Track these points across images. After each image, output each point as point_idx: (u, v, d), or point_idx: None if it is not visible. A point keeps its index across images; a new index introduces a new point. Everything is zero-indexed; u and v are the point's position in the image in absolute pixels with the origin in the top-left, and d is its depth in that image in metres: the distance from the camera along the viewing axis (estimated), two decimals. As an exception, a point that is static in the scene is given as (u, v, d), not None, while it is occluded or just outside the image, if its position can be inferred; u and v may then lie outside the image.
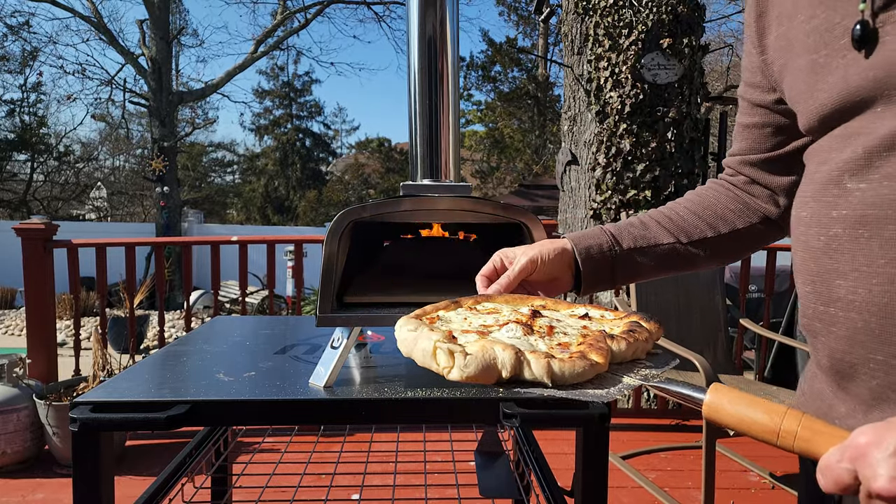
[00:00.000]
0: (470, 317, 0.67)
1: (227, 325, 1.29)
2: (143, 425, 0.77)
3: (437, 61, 1.10)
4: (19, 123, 14.56)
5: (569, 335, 0.61)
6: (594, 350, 0.54)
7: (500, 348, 0.54)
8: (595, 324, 0.66)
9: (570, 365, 0.52)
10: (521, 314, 0.67)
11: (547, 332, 0.61)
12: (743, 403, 0.45)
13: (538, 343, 0.58)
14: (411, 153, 1.15)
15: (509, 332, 0.60)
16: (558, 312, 0.69)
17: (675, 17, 3.21)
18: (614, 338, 0.57)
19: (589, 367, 0.52)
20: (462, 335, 0.60)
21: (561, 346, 0.57)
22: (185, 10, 17.19)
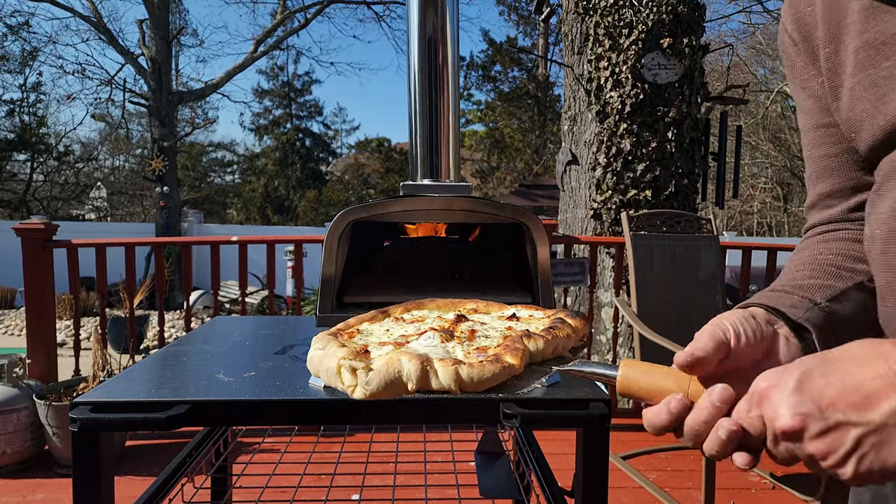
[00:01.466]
0: (393, 328, 0.66)
1: (226, 325, 1.28)
2: (143, 425, 0.76)
3: (437, 61, 1.10)
4: (19, 123, 14.56)
5: (490, 337, 0.60)
6: (509, 352, 0.54)
7: (406, 360, 0.52)
8: (522, 324, 0.65)
9: (480, 370, 0.51)
10: (445, 320, 0.65)
11: (468, 337, 0.60)
12: (653, 374, 0.46)
13: (455, 350, 0.57)
14: (411, 153, 1.15)
15: (427, 341, 0.59)
16: (487, 315, 0.69)
17: (676, 17, 3.21)
18: (531, 336, 0.56)
19: (501, 370, 0.52)
20: (378, 348, 0.59)
21: (479, 351, 0.56)
22: (184, 10, 17.20)
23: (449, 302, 0.73)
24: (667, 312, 2.52)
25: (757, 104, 14.13)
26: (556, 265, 2.91)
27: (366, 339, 0.63)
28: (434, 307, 0.72)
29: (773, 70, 15.18)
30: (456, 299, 0.74)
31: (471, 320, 0.65)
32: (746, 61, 14.58)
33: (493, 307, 0.71)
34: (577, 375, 0.51)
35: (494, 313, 0.70)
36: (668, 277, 2.56)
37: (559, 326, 0.59)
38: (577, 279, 2.92)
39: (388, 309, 0.72)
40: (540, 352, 0.55)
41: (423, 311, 0.71)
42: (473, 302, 0.73)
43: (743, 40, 14.41)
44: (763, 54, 14.93)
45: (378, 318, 0.70)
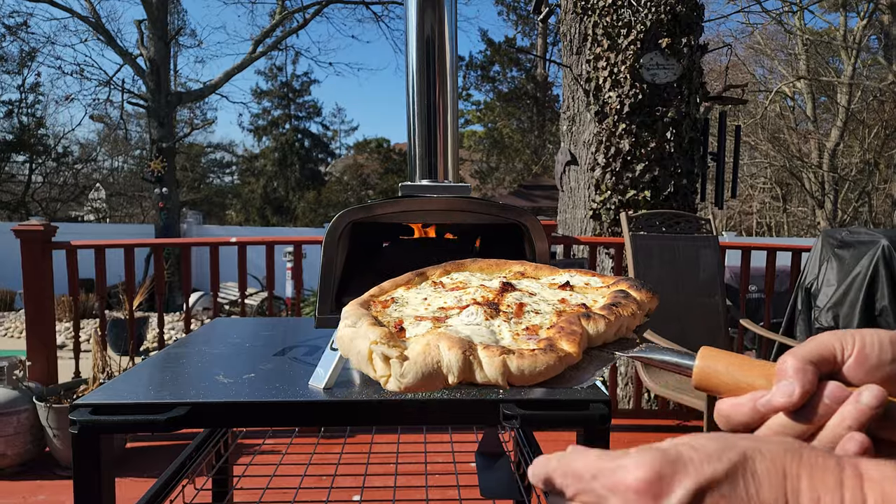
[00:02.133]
0: (431, 295, 0.58)
1: (226, 326, 1.28)
2: (144, 427, 0.76)
3: (436, 61, 1.10)
4: (17, 124, 14.54)
5: (541, 313, 0.51)
6: (564, 336, 0.46)
7: (446, 347, 0.44)
8: (577, 294, 0.56)
9: (531, 361, 0.43)
10: (490, 289, 0.56)
11: (515, 312, 0.52)
12: (739, 366, 0.41)
13: (502, 328, 0.49)
14: (410, 153, 1.15)
15: (469, 318, 0.50)
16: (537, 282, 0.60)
17: (674, 17, 3.21)
18: (591, 317, 0.48)
19: (556, 360, 0.44)
20: (414, 324, 0.51)
21: (528, 331, 0.48)
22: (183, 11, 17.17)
23: (493, 263, 0.64)
24: (666, 313, 2.52)
25: (756, 104, 14.14)
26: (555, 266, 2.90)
27: (400, 312, 0.55)
28: (476, 269, 0.64)
29: (772, 70, 15.21)
30: (500, 260, 0.65)
31: (518, 289, 0.57)
32: (745, 61, 14.59)
33: (543, 271, 0.62)
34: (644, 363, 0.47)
35: (545, 279, 0.61)
36: (668, 278, 2.56)
37: (622, 303, 0.51)
38: (577, 279, 2.92)
39: (425, 271, 0.64)
40: (601, 335, 0.48)
41: (463, 275, 0.63)
42: (520, 264, 0.64)
43: (741, 40, 14.42)
44: (762, 54, 14.95)
45: (414, 282, 0.62)
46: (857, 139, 14.25)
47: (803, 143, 14.93)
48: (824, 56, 14.29)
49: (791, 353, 0.38)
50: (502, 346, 0.46)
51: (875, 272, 2.42)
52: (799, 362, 0.37)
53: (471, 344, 0.45)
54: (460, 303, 0.54)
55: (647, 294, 0.55)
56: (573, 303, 0.54)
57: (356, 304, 0.57)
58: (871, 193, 14.21)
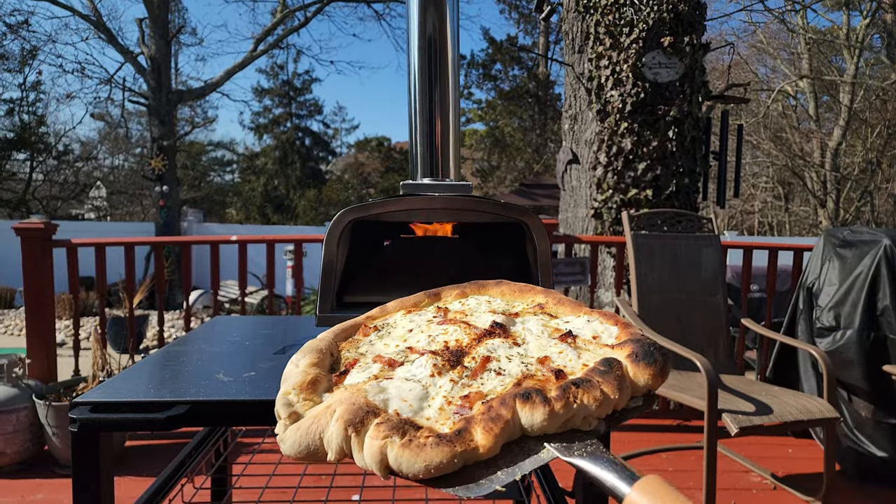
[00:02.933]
0: (419, 327, 0.53)
1: (226, 325, 1.28)
2: (143, 425, 0.76)
3: (438, 59, 1.09)
4: (18, 122, 14.55)
5: (503, 375, 0.44)
6: (482, 423, 0.38)
7: (335, 419, 0.40)
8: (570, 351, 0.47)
9: (411, 456, 0.37)
10: (474, 332, 0.50)
11: (475, 370, 0.45)
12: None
13: (440, 391, 0.43)
14: (411, 152, 1.14)
15: (416, 370, 0.46)
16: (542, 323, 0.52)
17: (676, 16, 3.20)
18: (530, 400, 0.39)
19: (448, 458, 0.36)
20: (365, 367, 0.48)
21: (465, 400, 0.42)
22: (184, 9, 17.16)
23: (517, 289, 0.59)
24: (668, 312, 2.52)
25: (758, 103, 14.11)
26: (556, 265, 2.90)
27: (372, 346, 0.52)
28: (497, 293, 0.59)
29: (774, 69, 15.18)
30: (527, 286, 0.59)
31: (510, 335, 0.50)
32: (747, 60, 14.56)
33: (564, 307, 0.55)
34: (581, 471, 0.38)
35: (563, 318, 0.54)
36: (669, 277, 2.56)
37: (592, 382, 0.41)
38: (578, 279, 2.92)
39: (440, 292, 0.59)
40: (538, 428, 0.39)
41: (478, 299, 0.58)
42: (544, 295, 0.58)
43: (744, 39, 14.40)
44: (764, 53, 14.92)
45: (423, 304, 0.58)
46: (860, 138, 14.23)
47: (805, 143, 14.90)
48: (827, 55, 14.26)
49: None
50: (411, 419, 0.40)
51: (877, 272, 2.41)
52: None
53: (366, 418, 0.40)
54: (430, 346, 0.50)
55: (644, 368, 0.44)
56: (553, 364, 0.46)
57: (335, 330, 0.55)
58: (873, 193, 14.18)
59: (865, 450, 2.36)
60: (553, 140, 17.60)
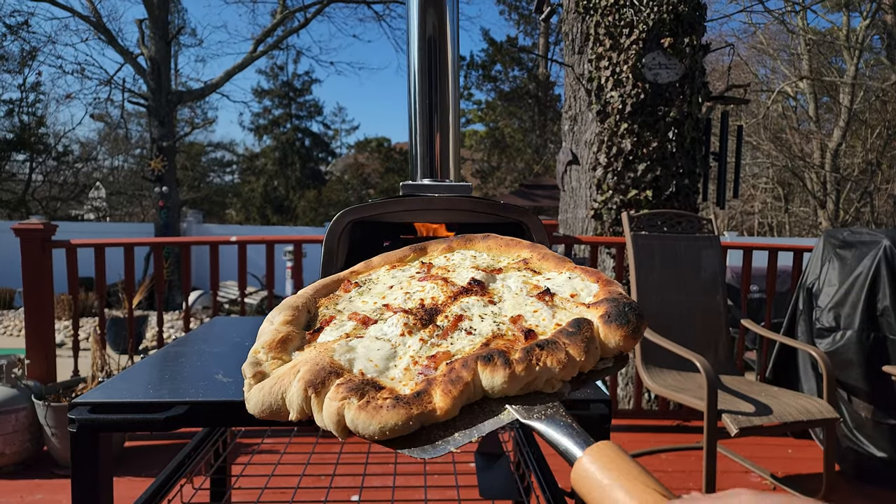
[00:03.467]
0: (400, 284, 0.52)
1: (226, 325, 1.28)
2: (142, 426, 0.76)
3: (437, 60, 1.09)
4: (18, 123, 14.55)
5: (474, 334, 0.44)
6: (442, 385, 0.38)
7: (296, 381, 0.40)
8: (545, 310, 0.46)
9: (367, 418, 0.37)
10: (451, 289, 0.50)
11: (446, 329, 0.45)
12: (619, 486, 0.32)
13: (408, 351, 0.43)
14: (411, 153, 1.14)
15: (387, 328, 0.46)
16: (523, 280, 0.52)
17: (676, 17, 3.20)
18: (492, 362, 0.38)
19: (403, 420, 0.36)
20: (339, 325, 0.47)
21: (432, 360, 0.42)
22: (183, 10, 17.18)
23: (503, 243, 0.58)
24: (668, 312, 2.52)
25: (758, 104, 14.12)
26: (556, 265, 2.89)
27: (348, 303, 0.51)
28: (484, 248, 0.59)
29: (774, 70, 15.19)
30: (513, 240, 0.58)
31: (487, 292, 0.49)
32: (747, 61, 14.58)
33: (548, 262, 0.55)
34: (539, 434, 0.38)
35: (546, 274, 0.53)
36: (669, 278, 2.56)
37: (559, 343, 0.40)
38: (578, 279, 2.91)
39: (427, 246, 0.59)
40: (498, 390, 0.39)
41: (463, 254, 0.57)
42: (530, 249, 0.57)
43: (744, 40, 14.41)
44: (764, 54, 14.93)
45: (408, 258, 0.57)
46: (860, 139, 14.23)
47: (805, 143, 14.91)
48: (827, 56, 14.27)
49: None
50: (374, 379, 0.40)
51: (877, 272, 2.41)
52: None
53: (328, 378, 0.40)
54: (406, 303, 0.49)
55: (615, 329, 0.42)
56: (525, 323, 0.45)
57: (316, 285, 0.54)
58: (873, 193, 14.19)
59: (865, 450, 2.36)
60: (553, 141, 17.61)
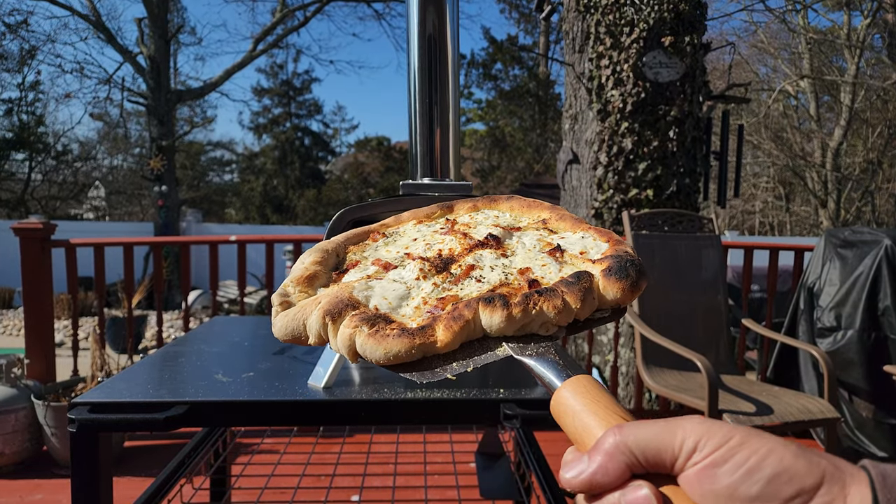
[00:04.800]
0: (425, 237, 0.56)
1: (225, 325, 1.28)
2: (142, 426, 0.76)
3: (438, 59, 1.09)
4: (17, 122, 14.54)
5: (483, 282, 0.48)
6: (445, 321, 0.42)
7: (316, 309, 0.45)
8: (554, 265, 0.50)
9: (375, 344, 0.41)
10: (467, 241, 0.54)
11: (458, 276, 0.49)
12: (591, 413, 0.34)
13: (419, 293, 0.47)
14: (411, 152, 1.14)
15: (404, 273, 0.50)
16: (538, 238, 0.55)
17: (677, 15, 3.20)
18: (493, 304, 0.42)
19: (407, 349, 0.40)
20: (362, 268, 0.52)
21: (441, 302, 0.46)
22: (183, 8, 17.17)
23: (525, 204, 0.61)
24: (669, 312, 2.51)
25: (759, 103, 14.12)
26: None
27: (374, 252, 0.55)
28: (507, 208, 0.62)
29: (775, 68, 15.18)
30: (536, 201, 0.61)
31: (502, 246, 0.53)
32: (748, 60, 14.57)
33: (565, 223, 0.57)
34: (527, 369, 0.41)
35: (561, 233, 0.56)
36: (670, 277, 2.55)
37: (557, 291, 0.44)
38: (578, 278, 2.91)
39: (454, 205, 0.62)
40: (496, 329, 0.42)
41: (487, 213, 0.60)
42: (550, 210, 0.60)
43: (745, 39, 14.40)
44: (765, 53, 14.92)
45: (437, 214, 0.61)
46: (861, 138, 14.23)
47: (806, 143, 14.91)
48: (828, 55, 14.26)
49: (619, 429, 0.31)
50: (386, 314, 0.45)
51: (878, 272, 2.40)
52: (612, 446, 0.30)
53: (345, 310, 0.44)
54: (426, 252, 0.53)
55: (614, 282, 0.45)
56: (534, 274, 0.49)
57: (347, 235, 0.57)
58: (874, 193, 14.19)
59: (866, 450, 2.36)
60: (553, 140, 17.60)
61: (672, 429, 0.29)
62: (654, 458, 0.29)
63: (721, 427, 0.29)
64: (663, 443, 0.29)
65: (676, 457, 0.29)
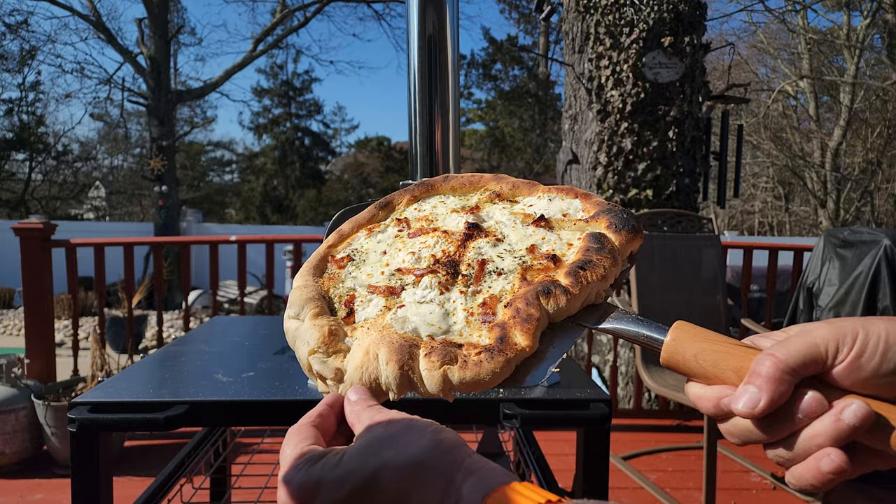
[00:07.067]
0: (392, 246, 0.53)
1: (225, 325, 1.28)
2: (142, 426, 0.76)
3: (438, 59, 1.09)
4: (18, 122, 14.54)
5: (504, 273, 0.47)
6: (518, 325, 0.42)
7: (384, 359, 0.43)
8: (550, 235, 0.50)
9: (475, 372, 0.40)
10: (453, 236, 0.51)
11: (475, 276, 0.47)
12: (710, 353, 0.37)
13: (457, 305, 0.45)
14: (411, 152, 1.14)
15: (424, 293, 0.47)
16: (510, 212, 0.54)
17: (677, 16, 3.20)
18: (552, 293, 0.43)
19: (504, 364, 0.40)
20: (365, 302, 0.48)
21: (485, 308, 0.44)
22: (183, 9, 17.17)
23: (466, 181, 0.59)
24: (668, 312, 2.52)
25: (758, 103, 14.12)
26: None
27: (355, 277, 0.51)
28: (448, 189, 0.59)
29: (775, 69, 15.18)
30: (475, 175, 0.59)
31: (486, 231, 0.52)
32: (748, 60, 14.57)
33: (521, 190, 0.56)
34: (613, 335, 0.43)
35: (522, 201, 0.55)
36: (670, 277, 2.55)
37: (594, 261, 0.45)
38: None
39: (390, 200, 0.58)
40: (562, 312, 0.43)
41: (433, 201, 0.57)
42: (496, 180, 0.58)
43: (744, 39, 14.40)
44: (764, 53, 14.92)
45: (378, 217, 0.57)
46: (860, 138, 14.23)
47: (806, 143, 14.91)
48: (827, 55, 14.26)
49: (773, 354, 0.35)
50: (448, 340, 0.44)
51: (877, 272, 2.41)
52: (776, 370, 0.34)
53: (412, 352, 0.43)
54: (419, 263, 0.50)
55: (626, 235, 0.48)
56: (543, 251, 0.49)
57: (308, 270, 0.52)
58: (873, 193, 14.19)
59: (865, 450, 2.36)
60: (553, 140, 17.60)
61: (810, 340, 0.35)
62: (807, 367, 0.34)
63: (844, 324, 0.35)
64: (810, 353, 0.34)
65: (825, 360, 0.34)
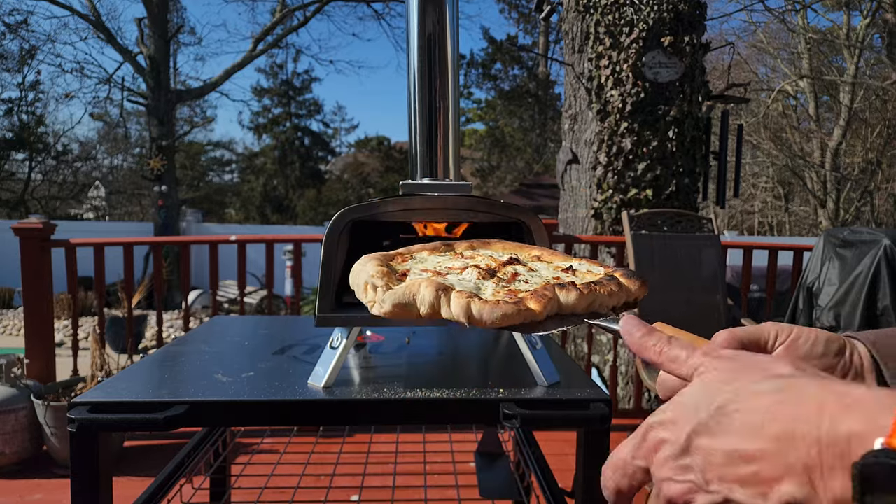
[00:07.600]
0: (446, 260, 0.65)
1: (225, 325, 1.28)
2: (142, 426, 0.76)
3: (437, 59, 1.09)
4: (17, 122, 14.54)
5: (531, 283, 0.57)
6: (535, 298, 0.51)
7: (425, 285, 0.51)
8: (575, 277, 0.61)
9: (492, 308, 0.49)
10: (496, 260, 0.64)
11: (508, 279, 0.58)
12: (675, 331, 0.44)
13: (487, 288, 0.55)
14: (411, 152, 1.14)
15: (465, 276, 0.58)
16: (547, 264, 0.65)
17: (677, 15, 3.20)
18: (566, 287, 0.52)
19: (515, 312, 0.49)
20: (419, 275, 0.58)
21: (510, 293, 0.54)
22: (183, 8, 17.17)
23: (516, 246, 0.70)
24: (668, 312, 2.52)
25: (758, 103, 14.12)
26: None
27: (414, 266, 0.63)
28: (499, 248, 0.71)
29: (774, 68, 15.18)
30: (523, 245, 0.71)
31: (522, 264, 0.63)
32: (748, 60, 14.57)
33: (557, 257, 0.68)
34: (600, 329, 0.51)
35: (556, 263, 0.67)
36: (669, 277, 2.55)
37: (603, 283, 0.55)
38: (578, 278, 2.92)
39: (453, 243, 0.71)
40: (570, 305, 0.52)
41: (484, 252, 0.70)
42: (539, 249, 0.70)
43: (744, 39, 14.40)
44: (764, 53, 14.92)
45: (440, 249, 0.69)
46: (860, 138, 14.23)
47: (806, 143, 14.91)
48: (827, 55, 14.26)
49: (728, 330, 0.43)
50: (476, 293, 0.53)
51: (877, 272, 2.41)
52: (728, 340, 0.42)
53: (448, 287, 0.52)
54: (467, 265, 0.62)
55: (636, 282, 0.57)
56: (565, 279, 0.58)
57: (376, 254, 0.63)
58: (873, 193, 14.19)
59: (865, 450, 2.36)
60: (553, 140, 17.61)
61: (759, 328, 0.44)
62: (753, 344, 0.43)
63: (785, 325, 0.44)
64: (756, 334, 0.44)
65: (767, 340, 0.44)
